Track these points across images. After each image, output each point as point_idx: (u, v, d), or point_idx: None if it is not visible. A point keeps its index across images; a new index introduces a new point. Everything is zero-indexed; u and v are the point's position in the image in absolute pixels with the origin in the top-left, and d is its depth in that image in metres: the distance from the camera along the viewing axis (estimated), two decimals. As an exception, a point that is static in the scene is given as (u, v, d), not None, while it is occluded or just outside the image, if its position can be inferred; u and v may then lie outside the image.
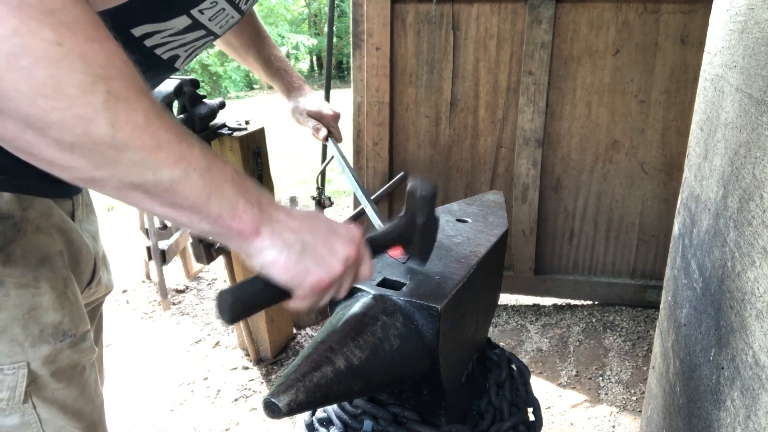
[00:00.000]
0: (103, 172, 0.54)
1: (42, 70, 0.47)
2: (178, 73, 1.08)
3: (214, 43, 1.05)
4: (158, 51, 0.85)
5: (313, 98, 1.44)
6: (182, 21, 0.82)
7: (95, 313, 1.13)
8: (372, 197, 2.94)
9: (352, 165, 2.96)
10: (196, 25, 0.85)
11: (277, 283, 0.68)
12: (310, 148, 6.60)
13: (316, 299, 0.71)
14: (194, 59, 1.09)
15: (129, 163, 0.54)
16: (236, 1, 0.90)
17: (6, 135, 0.51)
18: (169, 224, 3.10)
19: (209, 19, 0.87)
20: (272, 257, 0.65)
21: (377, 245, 0.83)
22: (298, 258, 0.66)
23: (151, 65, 0.87)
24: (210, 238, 0.66)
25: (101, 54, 0.51)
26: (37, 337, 0.83)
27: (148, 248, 2.94)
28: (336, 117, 1.45)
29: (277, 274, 0.67)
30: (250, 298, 0.70)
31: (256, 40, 1.39)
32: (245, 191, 0.63)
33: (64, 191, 0.92)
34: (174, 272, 3.45)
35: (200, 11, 0.83)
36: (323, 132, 1.42)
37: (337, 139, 1.44)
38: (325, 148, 3.19)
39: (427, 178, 0.89)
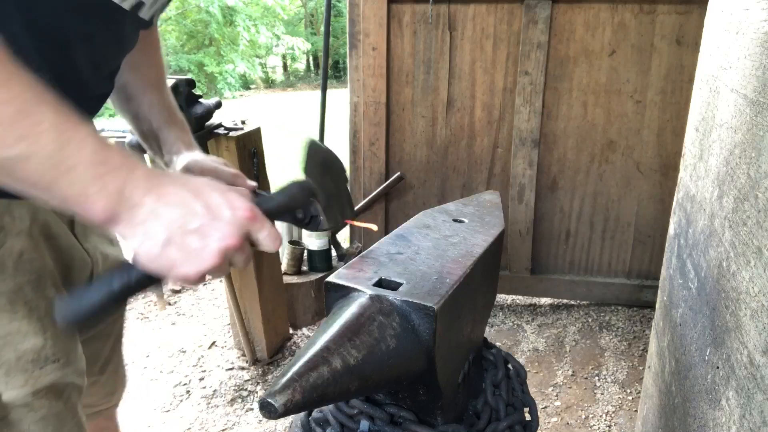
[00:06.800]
0: None
1: None
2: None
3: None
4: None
5: (211, 157, 1.17)
6: None
7: (112, 324, 1.08)
8: (369, 197, 2.94)
9: (348, 165, 2.95)
10: None
11: (145, 270, 0.65)
12: (306, 148, 6.60)
13: (193, 283, 0.67)
14: (161, 14, 0.98)
15: None
16: None
17: None
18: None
19: None
20: (134, 245, 0.64)
21: (271, 214, 0.79)
22: (160, 250, 0.62)
23: (113, 19, 0.81)
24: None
25: None
26: (13, 365, 0.77)
27: (144, 248, 2.93)
28: (236, 176, 1.12)
29: (141, 262, 0.64)
30: (98, 302, 0.66)
31: (158, 84, 1.17)
32: (105, 174, 0.59)
33: None
34: (170, 272, 3.44)
35: None
36: (251, 183, 1.11)
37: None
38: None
39: (316, 143, 0.86)
